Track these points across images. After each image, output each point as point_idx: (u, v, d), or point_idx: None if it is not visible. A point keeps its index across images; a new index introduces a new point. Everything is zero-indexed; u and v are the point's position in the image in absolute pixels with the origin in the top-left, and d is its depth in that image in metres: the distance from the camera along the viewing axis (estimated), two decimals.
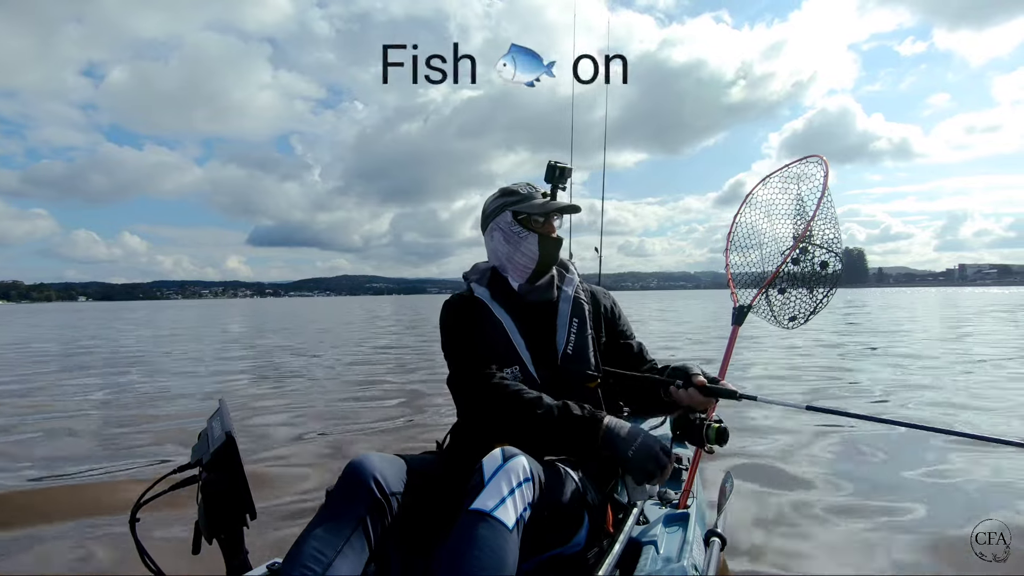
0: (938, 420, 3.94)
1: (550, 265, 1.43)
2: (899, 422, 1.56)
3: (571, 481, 1.17)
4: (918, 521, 2.25)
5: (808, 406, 1.29)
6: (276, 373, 6.95)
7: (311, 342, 11.87)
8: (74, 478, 2.97)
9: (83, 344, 12.24)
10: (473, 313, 1.37)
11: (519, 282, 1.42)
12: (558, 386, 1.31)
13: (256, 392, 5.68)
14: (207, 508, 1.11)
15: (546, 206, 1.40)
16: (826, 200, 1.73)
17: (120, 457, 3.36)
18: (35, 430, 4.17)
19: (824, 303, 1.74)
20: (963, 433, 1.42)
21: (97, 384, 6.40)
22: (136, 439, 3.81)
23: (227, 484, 1.10)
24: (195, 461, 1.17)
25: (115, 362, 8.46)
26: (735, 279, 1.88)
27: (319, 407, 4.85)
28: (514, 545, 0.95)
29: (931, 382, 5.41)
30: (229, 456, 1.10)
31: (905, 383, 5.41)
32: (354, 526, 1.01)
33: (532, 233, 1.39)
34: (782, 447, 3.30)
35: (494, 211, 1.44)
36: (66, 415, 4.68)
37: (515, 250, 1.40)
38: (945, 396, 4.76)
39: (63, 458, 3.35)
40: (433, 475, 1.19)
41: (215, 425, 1.19)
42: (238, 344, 11.82)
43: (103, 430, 4.12)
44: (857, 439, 3.39)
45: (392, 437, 3.81)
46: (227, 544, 1.12)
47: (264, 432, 3.93)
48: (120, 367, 7.87)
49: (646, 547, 1.26)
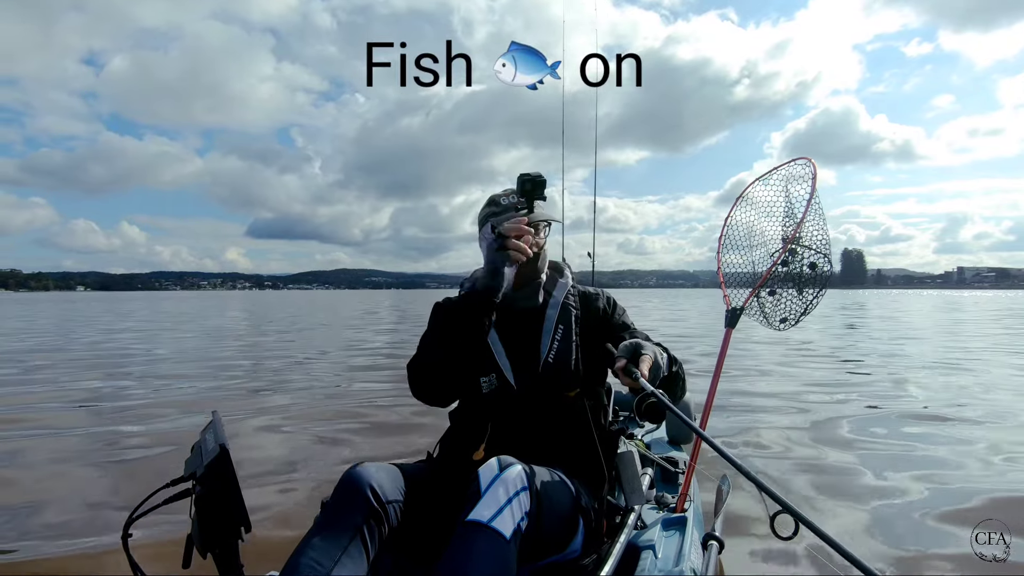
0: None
1: (531, 276, 1.41)
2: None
3: (566, 487, 1.17)
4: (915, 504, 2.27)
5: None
6: (271, 378, 6.86)
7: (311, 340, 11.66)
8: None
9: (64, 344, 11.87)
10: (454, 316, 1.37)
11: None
12: (537, 395, 1.31)
13: (249, 396, 5.62)
14: (201, 522, 1.10)
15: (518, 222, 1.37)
16: (815, 202, 1.75)
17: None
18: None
19: (814, 304, 1.76)
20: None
21: (82, 389, 6.31)
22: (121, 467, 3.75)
23: (221, 497, 1.09)
24: (188, 474, 1.16)
25: (102, 365, 8.22)
26: (727, 280, 1.90)
27: (315, 410, 4.81)
28: (512, 556, 0.95)
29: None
30: (223, 468, 1.09)
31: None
32: (351, 535, 1.01)
33: None
34: (783, 448, 3.31)
35: (480, 221, 1.44)
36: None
37: None
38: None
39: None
40: (428, 483, 1.18)
41: (208, 437, 1.18)
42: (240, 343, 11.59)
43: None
44: (860, 440, 3.41)
45: (389, 440, 3.79)
46: (222, 558, 1.11)
47: (258, 442, 3.89)
48: (107, 369, 7.67)
49: (644, 551, 1.26)
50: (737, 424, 3.96)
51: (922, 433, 3.70)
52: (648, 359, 1.11)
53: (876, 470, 2.92)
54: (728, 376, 5.89)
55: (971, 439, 3.54)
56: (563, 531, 1.14)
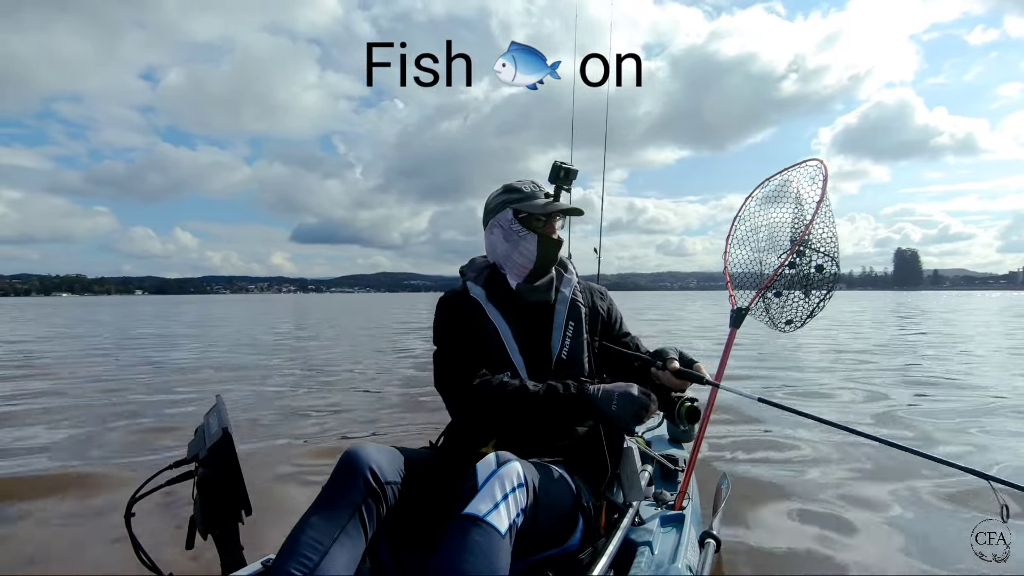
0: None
1: (548, 266, 1.41)
2: (853, 430, 1.44)
3: (565, 483, 1.17)
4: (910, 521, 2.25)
5: (760, 398, 1.43)
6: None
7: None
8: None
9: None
10: (467, 313, 1.36)
11: (516, 281, 1.40)
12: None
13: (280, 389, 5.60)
14: (203, 503, 1.11)
15: (548, 207, 1.38)
16: (824, 204, 1.74)
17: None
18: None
19: (821, 306, 1.74)
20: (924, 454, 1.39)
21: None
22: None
23: (223, 480, 1.10)
24: (191, 456, 1.18)
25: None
26: (733, 280, 1.88)
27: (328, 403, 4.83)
28: (506, 551, 0.95)
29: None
30: (225, 452, 1.10)
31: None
32: (350, 514, 1.01)
33: (532, 233, 1.37)
34: (782, 450, 3.30)
35: (496, 207, 1.42)
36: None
37: (513, 249, 1.38)
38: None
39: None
40: (428, 469, 1.19)
41: (212, 421, 1.19)
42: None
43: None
44: (859, 443, 3.38)
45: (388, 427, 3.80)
46: (222, 539, 1.12)
47: (264, 428, 3.92)
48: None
49: (641, 548, 1.27)
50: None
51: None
52: (702, 365, 1.35)
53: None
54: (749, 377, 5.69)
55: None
56: (561, 527, 1.15)
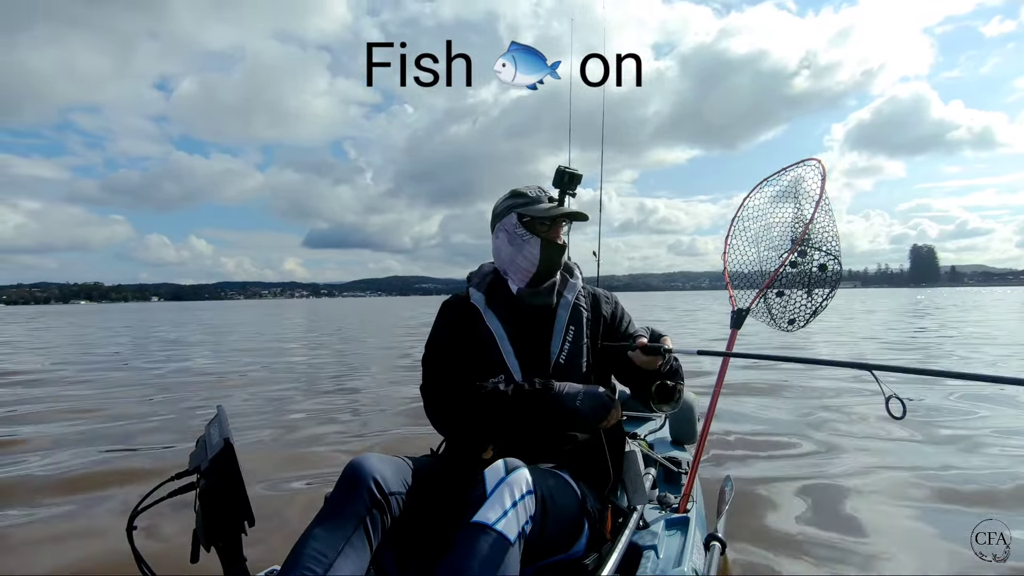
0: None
1: (552, 270, 1.40)
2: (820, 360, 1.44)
3: (571, 489, 1.17)
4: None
5: (699, 351, 1.45)
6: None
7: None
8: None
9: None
10: (464, 318, 1.36)
11: (519, 286, 1.40)
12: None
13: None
14: (205, 515, 1.10)
15: (551, 211, 1.38)
16: (824, 202, 1.74)
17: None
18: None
19: (824, 305, 1.74)
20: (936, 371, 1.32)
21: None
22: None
23: (225, 491, 1.09)
24: (193, 468, 1.16)
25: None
26: (733, 281, 1.88)
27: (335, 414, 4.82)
28: (516, 558, 0.95)
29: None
30: (227, 463, 1.09)
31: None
32: (355, 526, 1.01)
33: (536, 237, 1.37)
34: (785, 450, 3.30)
35: (502, 212, 1.42)
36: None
37: (517, 253, 1.38)
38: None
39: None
40: (432, 477, 1.18)
41: (213, 432, 1.18)
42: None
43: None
44: (860, 443, 3.38)
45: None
46: (225, 552, 1.11)
47: (265, 437, 3.91)
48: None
49: (646, 551, 1.26)
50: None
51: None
52: (668, 338, 1.27)
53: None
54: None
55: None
56: (567, 533, 1.14)
